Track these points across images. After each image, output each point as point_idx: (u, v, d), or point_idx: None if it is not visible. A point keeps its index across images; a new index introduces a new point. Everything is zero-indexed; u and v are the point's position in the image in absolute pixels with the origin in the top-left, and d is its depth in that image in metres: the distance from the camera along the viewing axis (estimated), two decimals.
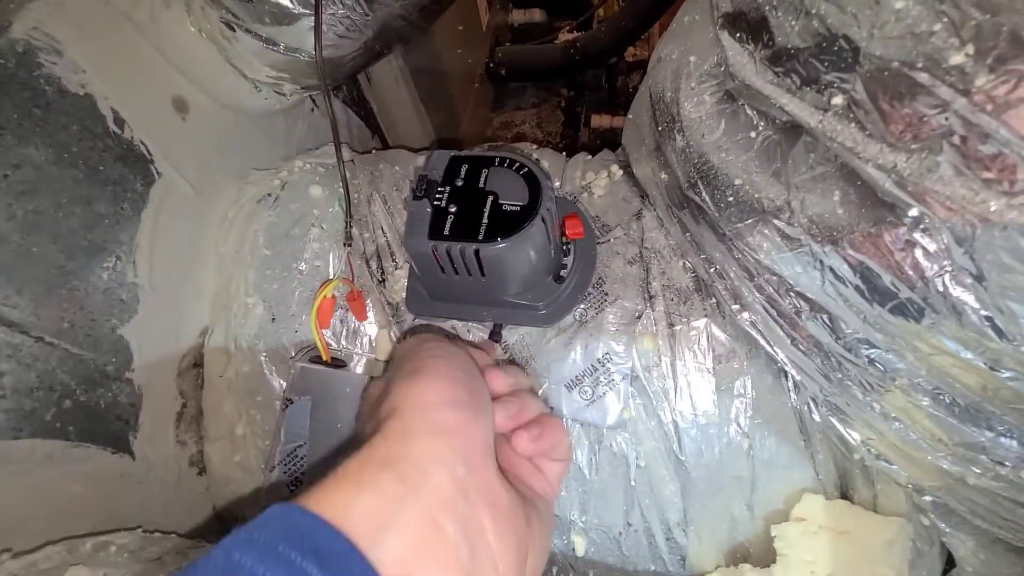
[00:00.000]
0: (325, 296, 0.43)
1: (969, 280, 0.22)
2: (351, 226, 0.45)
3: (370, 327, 0.48)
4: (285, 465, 0.43)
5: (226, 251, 0.52)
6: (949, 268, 0.22)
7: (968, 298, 0.22)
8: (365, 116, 0.82)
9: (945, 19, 0.18)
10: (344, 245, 0.45)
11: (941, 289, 0.23)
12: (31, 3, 0.38)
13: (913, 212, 0.22)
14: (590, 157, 0.57)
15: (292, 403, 0.43)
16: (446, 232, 0.39)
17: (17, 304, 0.37)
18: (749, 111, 0.31)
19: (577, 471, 0.43)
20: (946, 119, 0.20)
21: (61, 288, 0.40)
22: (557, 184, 0.53)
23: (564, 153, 0.58)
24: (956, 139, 0.20)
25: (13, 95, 0.37)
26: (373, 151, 0.61)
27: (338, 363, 0.45)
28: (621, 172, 0.52)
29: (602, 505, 0.43)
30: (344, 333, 0.48)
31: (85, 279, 0.42)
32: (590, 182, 0.52)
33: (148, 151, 0.46)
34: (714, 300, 0.42)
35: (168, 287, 0.48)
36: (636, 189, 0.50)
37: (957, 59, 0.19)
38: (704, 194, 0.34)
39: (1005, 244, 0.19)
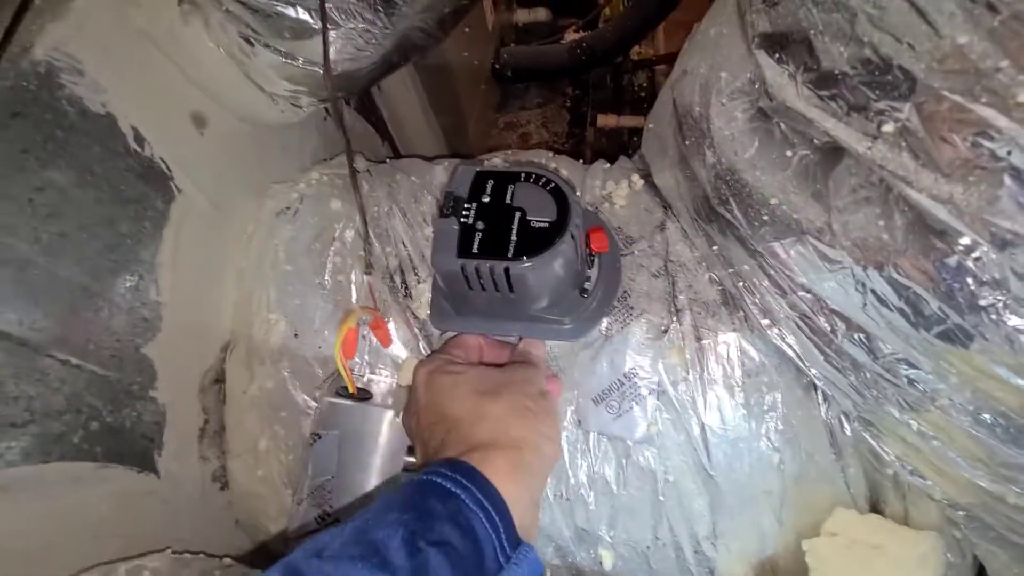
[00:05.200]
0: (349, 327, 0.43)
1: None
2: (371, 253, 0.44)
3: (395, 348, 0.47)
4: (313, 499, 0.42)
5: (246, 265, 0.51)
6: (1003, 298, 0.22)
7: None
8: (375, 123, 0.81)
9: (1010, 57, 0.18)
10: (365, 273, 0.45)
11: (995, 318, 0.22)
12: (52, 24, 0.38)
13: (965, 240, 0.22)
14: (608, 166, 0.56)
15: (320, 438, 0.43)
16: (475, 250, 0.38)
17: (44, 328, 0.37)
18: (784, 130, 0.31)
19: (605, 485, 0.43)
20: (1008, 152, 0.20)
21: (87, 310, 0.40)
22: (577, 195, 0.52)
23: (580, 161, 0.58)
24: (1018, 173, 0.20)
25: (36, 117, 0.37)
26: (387, 160, 0.61)
27: (364, 394, 0.45)
28: (642, 182, 0.51)
29: (630, 520, 0.43)
30: (367, 348, 0.48)
31: (109, 300, 0.41)
32: (611, 192, 0.52)
33: (168, 168, 0.46)
34: (742, 313, 0.42)
35: (190, 304, 0.48)
36: (658, 199, 0.50)
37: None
38: (737, 211, 0.34)
39: None
